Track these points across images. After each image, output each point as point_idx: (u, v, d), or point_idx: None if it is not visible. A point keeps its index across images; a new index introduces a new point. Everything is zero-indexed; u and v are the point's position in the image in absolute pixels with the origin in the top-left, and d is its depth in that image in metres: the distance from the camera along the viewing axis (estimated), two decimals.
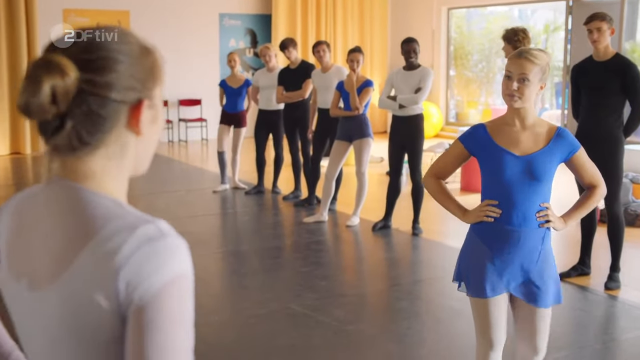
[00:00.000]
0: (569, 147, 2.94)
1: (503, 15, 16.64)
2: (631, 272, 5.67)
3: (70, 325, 1.15)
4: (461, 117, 15.66)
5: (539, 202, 2.92)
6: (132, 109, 1.22)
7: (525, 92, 2.87)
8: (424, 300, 5.28)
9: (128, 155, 1.25)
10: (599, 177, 3.04)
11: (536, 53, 2.89)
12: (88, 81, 1.15)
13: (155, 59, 1.30)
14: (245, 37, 14.83)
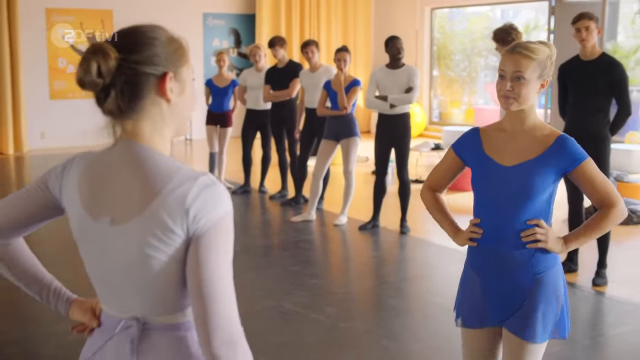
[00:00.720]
0: (571, 157, 2.51)
1: (485, 15, 16.75)
2: (617, 268, 5.74)
3: (147, 250, 1.52)
4: (444, 117, 15.74)
5: (528, 219, 2.54)
6: (159, 80, 1.57)
7: (522, 92, 2.50)
8: (413, 297, 5.33)
9: (166, 119, 1.61)
10: (614, 195, 2.53)
11: (533, 46, 2.52)
12: (124, 59, 1.53)
13: (180, 44, 1.64)
14: (229, 37, 14.82)
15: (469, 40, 16.28)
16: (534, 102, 2.57)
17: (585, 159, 2.51)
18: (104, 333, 1.68)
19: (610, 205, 2.53)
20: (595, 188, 2.53)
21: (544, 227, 2.53)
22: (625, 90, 5.24)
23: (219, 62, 9.01)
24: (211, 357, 1.51)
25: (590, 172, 2.53)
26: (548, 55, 2.53)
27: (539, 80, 2.55)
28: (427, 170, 10.27)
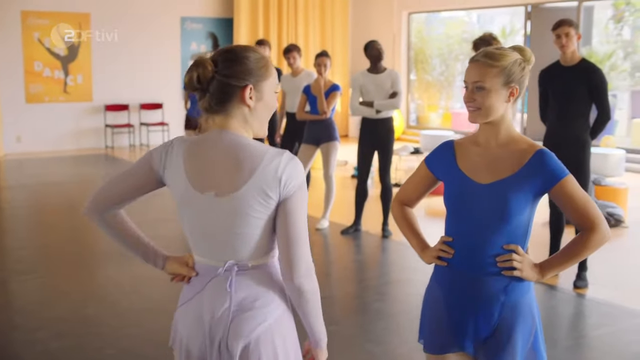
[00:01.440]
0: (551, 174, 2.30)
1: (461, 20, 16.86)
2: (597, 271, 5.81)
3: (251, 213, 2.01)
4: (422, 121, 15.83)
5: (504, 243, 2.36)
6: (241, 91, 2.05)
7: (485, 103, 2.33)
8: (396, 301, 5.35)
9: (247, 119, 2.09)
10: (596, 217, 2.32)
11: (495, 53, 2.34)
12: (217, 72, 2.04)
13: (265, 64, 2.09)
14: (206, 41, 14.79)
15: (446, 44, 16.39)
16: (506, 112, 2.37)
17: (566, 176, 2.30)
18: (202, 279, 2.12)
19: (591, 228, 2.32)
20: (576, 208, 2.32)
21: (520, 254, 2.35)
22: (605, 96, 5.31)
23: None
24: (295, 287, 2.04)
25: (570, 189, 2.31)
26: (515, 60, 2.34)
27: (505, 89, 2.34)
28: (407, 174, 10.32)
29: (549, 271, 2.39)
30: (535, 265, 2.38)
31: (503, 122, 2.37)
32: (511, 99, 2.35)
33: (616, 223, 7.38)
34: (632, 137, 12.79)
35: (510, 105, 2.37)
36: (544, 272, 2.38)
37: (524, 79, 2.37)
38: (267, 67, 2.09)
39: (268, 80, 2.09)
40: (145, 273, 5.90)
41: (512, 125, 2.40)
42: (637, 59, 14.29)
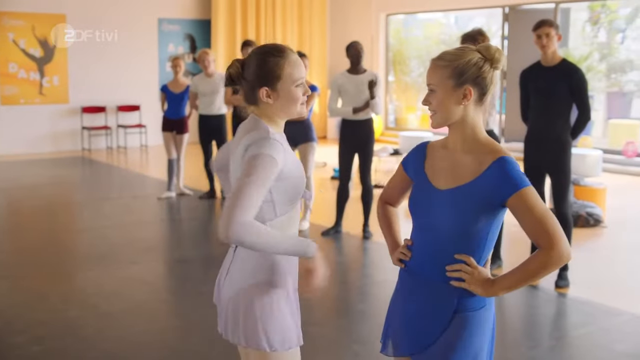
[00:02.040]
0: (508, 184, 2.16)
1: (439, 22, 16.93)
2: (578, 270, 5.84)
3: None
4: (400, 122, 15.86)
5: (457, 251, 2.25)
6: (260, 90, 2.37)
7: (434, 105, 2.25)
8: (380, 301, 5.33)
9: (274, 111, 2.41)
10: (555, 234, 2.14)
11: (446, 52, 2.26)
12: (242, 72, 2.42)
13: (276, 65, 2.36)
14: (184, 42, 14.71)
15: (424, 46, 16.44)
16: (466, 115, 2.24)
17: (525, 187, 2.14)
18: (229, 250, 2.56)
19: (549, 246, 2.13)
20: (534, 222, 2.15)
21: (472, 265, 2.23)
22: (585, 96, 5.33)
23: (174, 67, 8.91)
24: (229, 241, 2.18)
25: (529, 202, 2.15)
26: (470, 60, 2.21)
27: (457, 90, 2.22)
28: (387, 176, 10.33)
29: (500, 289, 2.22)
30: (487, 280, 2.23)
31: (465, 125, 2.25)
32: (465, 101, 2.22)
33: (595, 223, 7.42)
34: (609, 137, 12.91)
35: (470, 108, 2.24)
36: (495, 289, 2.22)
37: (484, 79, 2.23)
38: (281, 68, 2.35)
39: (283, 80, 2.35)
40: (126, 275, 5.84)
41: (478, 128, 2.27)
42: (612, 60, 14.42)
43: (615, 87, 14.51)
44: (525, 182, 2.16)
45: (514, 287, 2.22)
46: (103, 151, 13.73)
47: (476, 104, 2.27)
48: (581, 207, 7.40)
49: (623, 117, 13.96)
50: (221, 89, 8.45)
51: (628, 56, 14.34)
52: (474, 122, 2.27)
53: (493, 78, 2.29)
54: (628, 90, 14.49)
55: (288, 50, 2.39)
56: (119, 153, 13.62)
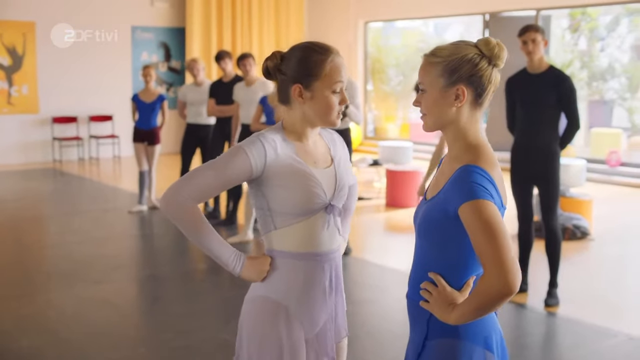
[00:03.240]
0: (458, 194, 1.88)
1: (418, 30, 16.74)
2: (567, 286, 5.57)
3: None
4: (379, 132, 15.61)
5: (432, 269, 2.01)
6: (293, 86, 2.21)
7: (424, 106, 2.02)
8: (361, 323, 5.02)
9: (305, 114, 2.24)
10: (497, 260, 1.79)
11: (438, 48, 2.01)
12: (280, 65, 2.23)
13: (316, 62, 2.19)
14: (158, 51, 14.38)
15: (403, 54, 16.23)
16: (458, 119, 1.98)
17: (477, 199, 1.83)
18: None
19: (489, 273, 1.80)
20: (478, 240, 1.82)
21: (440, 286, 1.97)
22: (575, 104, 5.09)
23: (145, 76, 8.59)
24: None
25: (477, 216, 1.82)
26: (464, 56, 1.95)
27: (449, 89, 1.96)
28: (366, 187, 10.04)
29: (455, 317, 1.91)
30: (450, 304, 1.93)
31: (456, 130, 1.99)
32: (457, 102, 1.95)
33: (582, 235, 7.18)
34: (591, 146, 12.73)
35: (464, 111, 1.97)
36: (452, 315, 1.92)
37: (481, 78, 1.96)
38: (320, 67, 2.18)
39: (320, 81, 2.19)
40: (90, 295, 5.49)
41: (472, 134, 1.99)
42: (593, 68, 14.27)
43: (596, 95, 14.35)
44: (479, 194, 1.84)
45: (468, 317, 1.89)
46: (74, 162, 13.33)
47: (472, 106, 1.99)
48: (567, 220, 7.15)
49: (604, 125, 13.80)
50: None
51: (609, 64, 14.19)
52: (467, 127, 2.00)
53: (492, 77, 1.99)
54: (609, 99, 14.34)
55: (333, 50, 2.24)
56: (91, 164, 13.23)
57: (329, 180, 2.30)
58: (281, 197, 2.20)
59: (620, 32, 14.33)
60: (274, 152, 2.18)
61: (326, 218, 2.27)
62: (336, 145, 2.42)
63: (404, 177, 8.90)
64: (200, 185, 2.13)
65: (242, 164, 2.15)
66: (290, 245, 2.25)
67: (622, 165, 11.29)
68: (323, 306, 2.30)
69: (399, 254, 6.75)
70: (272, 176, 2.19)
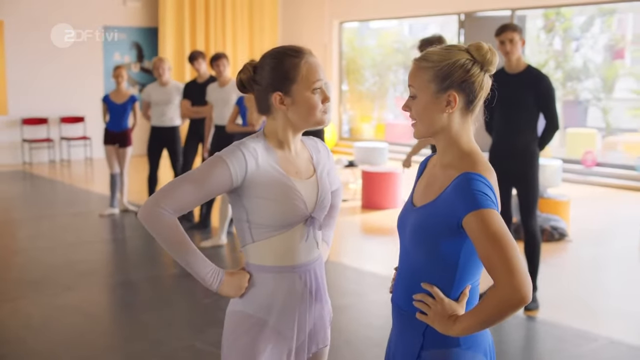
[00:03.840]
0: (462, 203, 1.83)
1: (394, 30, 16.68)
2: (546, 289, 5.51)
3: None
4: (355, 132, 15.52)
5: (425, 279, 1.95)
6: (273, 95, 2.14)
7: (414, 112, 1.96)
8: (338, 330, 4.89)
9: (288, 120, 2.17)
10: (509, 269, 1.75)
11: (429, 51, 1.95)
12: (254, 77, 2.18)
13: (291, 66, 2.13)
14: (130, 51, 14.17)
15: (379, 54, 16.16)
16: (449, 125, 1.93)
17: (482, 208, 1.79)
18: None
19: (501, 283, 1.76)
20: (487, 250, 1.78)
21: (437, 297, 1.91)
22: (553, 104, 5.02)
23: (116, 77, 8.41)
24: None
25: (484, 226, 1.78)
26: (456, 61, 1.90)
27: (440, 95, 1.91)
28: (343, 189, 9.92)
29: (460, 330, 1.86)
30: (451, 316, 1.89)
31: (449, 137, 1.95)
32: (449, 109, 1.91)
33: (560, 237, 7.13)
34: (566, 147, 12.74)
35: (455, 117, 1.93)
36: (455, 328, 1.87)
37: (473, 84, 1.91)
38: (294, 71, 2.13)
39: (298, 83, 2.13)
40: (59, 303, 5.33)
41: (464, 141, 1.95)
42: (568, 68, 14.30)
43: (571, 95, 14.38)
44: (484, 203, 1.81)
45: (474, 329, 1.85)
46: (45, 165, 13.09)
47: (463, 112, 1.95)
48: (545, 221, 7.10)
49: (579, 125, 13.82)
50: (175, 99, 8.00)
51: (583, 64, 14.22)
52: (459, 133, 1.96)
53: (484, 82, 1.94)
54: (583, 99, 14.37)
55: (306, 51, 2.18)
56: (62, 167, 13.00)
57: (311, 192, 2.22)
58: (260, 208, 2.13)
59: (594, 32, 14.37)
60: (254, 162, 2.12)
61: (305, 231, 2.20)
62: (320, 153, 2.34)
63: (380, 178, 8.81)
64: (179, 197, 2.07)
65: (222, 175, 2.08)
66: (267, 259, 2.19)
67: (597, 165, 11.30)
68: (305, 316, 2.24)
69: (376, 257, 6.64)
70: (252, 187, 2.12)
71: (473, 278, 1.96)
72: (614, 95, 14.09)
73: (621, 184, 10.52)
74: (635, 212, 8.71)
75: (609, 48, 14.49)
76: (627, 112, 14.19)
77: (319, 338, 2.32)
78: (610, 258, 6.82)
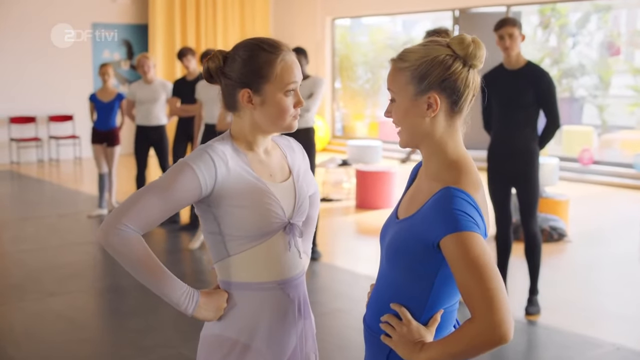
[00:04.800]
0: (441, 222, 1.63)
1: (387, 27, 16.51)
2: (547, 292, 5.33)
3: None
4: (348, 130, 15.34)
5: (395, 298, 1.76)
6: (241, 92, 1.93)
7: (399, 119, 1.75)
8: (334, 337, 4.71)
9: (256, 121, 1.96)
10: (487, 301, 1.54)
11: (406, 52, 1.74)
12: (224, 68, 1.95)
13: (265, 62, 1.90)
14: (120, 49, 13.95)
15: (371, 51, 15.97)
16: (433, 132, 1.72)
17: (463, 231, 1.58)
18: None
19: (477, 316, 1.56)
20: (464, 277, 1.58)
21: (404, 320, 1.72)
22: (554, 101, 4.84)
23: (103, 75, 8.22)
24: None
25: (463, 250, 1.58)
26: (434, 58, 1.68)
27: (419, 98, 1.70)
28: (335, 188, 9.75)
29: (425, 358, 1.66)
30: (418, 342, 1.69)
31: (432, 144, 1.74)
32: (430, 112, 1.70)
33: (559, 237, 6.96)
34: (563, 145, 12.58)
35: (439, 121, 1.72)
36: (421, 355, 1.67)
37: (455, 82, 1.70)
38: (271, 67, 1.90)
39: (270, 83, 1.91)
40: (42, 309, 5.12)
41: (450, 148, 1.73)
42: (563, 66, 14.13)
43: (567, 92, 14.22)
44: (465, 224, 1.60)
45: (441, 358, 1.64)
46: (33, 164, 12.86)
47: (448, 114, 1.73)
48: (544, 221, 6.92)
49: (575, 123, 13.67)
50: (161, 97, 7.80)
51: (579, 61, 14.06)
52: (444, 139, 1.74)
53: (469, 79, 1.71)
54: (579, 96, 14.21)
55: (284, 47, 1.94)
56: (51, 166, 12.77)
57: (288, 196, 2.00)
58: (234, 218, 1.91)
59: (590, 29, 14.21)
60: (224, 166, 1.89)
61: (286, 239, 1.98)
62: (294, 153, 2.12)
63: (374, 177, 8.62)
64: (142, 212, 1.82)
65: (189, 183, 1.84)
66: (248, 274, 1.97)
67: (594, 163, 11.14)
68: (291, 335, 2.03)
69: (371, 259, 6.45)
70: (223, 194, 1.89)
71: (448, 303, 1.76)
72: (610, 92, 13.93)
73: (619, 182, 10.37)
74: (634, 211, 8.56)
75: (605, 45, 14.33)
76: (624, 108, 14.03)
77: (310, 353, 2.13)
78: (610, 259, 6.65)
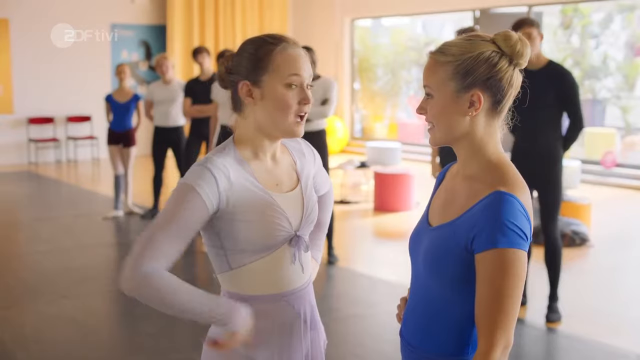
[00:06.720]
0: (485, 232, 1.53)
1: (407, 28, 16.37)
2: (569, 298, 5.18)
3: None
4: (367, 132, 15.21)
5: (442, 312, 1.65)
6: (241, 84, 1.82)
7: (431, 114, 1.65)
8: (349, 343, 4.60)
9: (256, 119, 1.83)
10: (493, 332, 1.50)
11: (448, 45, 1.64)
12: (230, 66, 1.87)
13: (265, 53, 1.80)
14: (138, 49, 13.93)
15: (391, 52, 15.85)
16: (474, 130, 1.63)
17: (505, 247, 1.50)
18: None
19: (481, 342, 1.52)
20: (484, 298, 1.52)
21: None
22: (577, 101, 4.70)
23: (119, 74, 8.17)
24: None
25: (496, 269, 1.50)
26: (480, 54, 1.59)
27: (461, 95, 1.60)
28: (353, 190, 9.64)
29: None
30: None
31: (471, 144, 1.64)
32: (472, 111, 1.61)
33: (581, 242, 6.79)
34: (585, 147, 12.37)
35: (480, 120, 1.63)
36: None
37: (500, 81, 1.61)
38: (270, 57, 1.79)
39: (269, 73, 1.79)
40: (54, 312, 5.05)
41: (491, 148, 1.64)
42: (586, 66, 13.92)
43: (589, 94, 14.01)
44: (515, 241, 1.50)
45: None
46: (51, 165, 12.86)
47: (489, 114, 1.64)
48: (566, 225, 6.77)
49: (597, 125, 13.46)
50: (179, 98, 7.75)
51: (603, 62, 13.84)
52: (485, 140, 1.65)
53: (513, 79, 1.63)
54: (602, 97, 13.99)
55: (289, 40, 1.83)
56: (69, 167, 12.77)
57: (295, 207, 1.88)
58: (236, 232, 1.79)
59: (614, 29, 13.99)
60: (226, 180, 1.76)
61: (292, 251, 1.86)
62: (304, 158, 2.00)
63: (393, 180, 8.50)
64: (157, 251, 1.69)
65: (194, 207, 1.72)
66: (250, 287, 1.86)
67: (617, 166, 10.94)
68: (298, 347, 1.92)
69: (390, 263, 6.32)
70: (226, 209, 1.77)
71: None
72: (635, 94, 13.70)
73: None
74: None
75: (629, 45, 14.09)
76: None
77: None
78: (634, 264, 6.48)
